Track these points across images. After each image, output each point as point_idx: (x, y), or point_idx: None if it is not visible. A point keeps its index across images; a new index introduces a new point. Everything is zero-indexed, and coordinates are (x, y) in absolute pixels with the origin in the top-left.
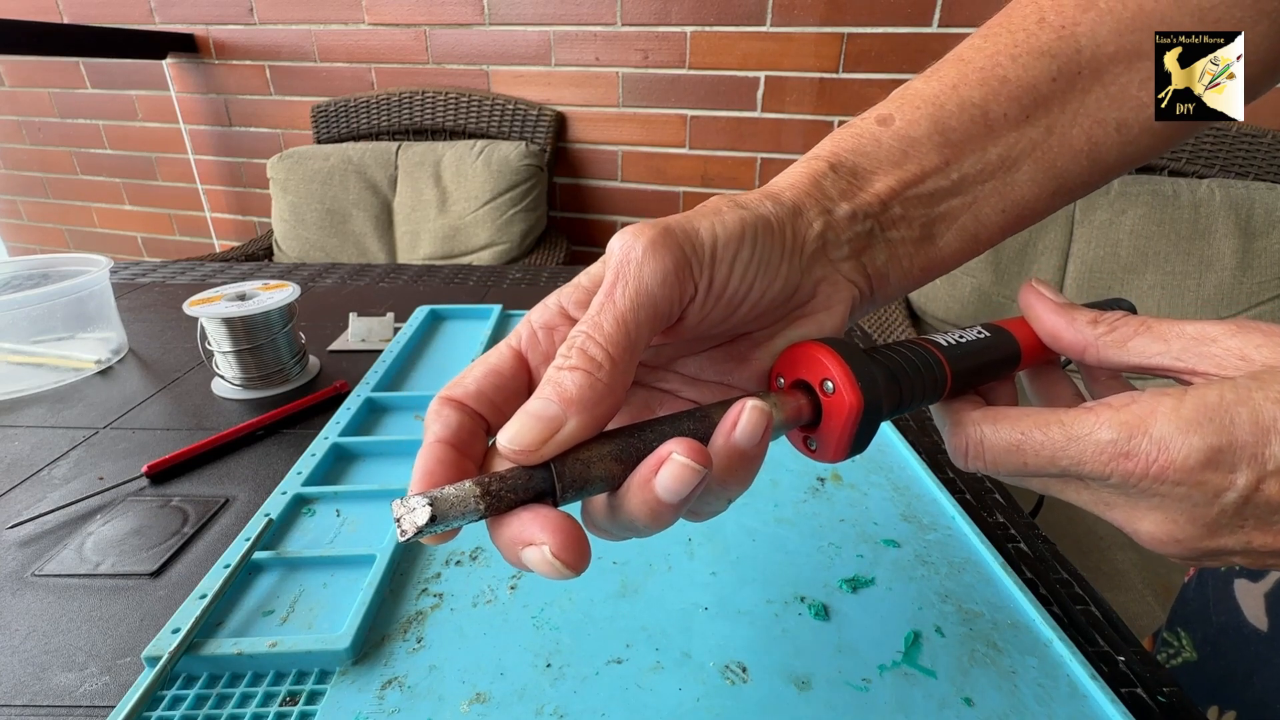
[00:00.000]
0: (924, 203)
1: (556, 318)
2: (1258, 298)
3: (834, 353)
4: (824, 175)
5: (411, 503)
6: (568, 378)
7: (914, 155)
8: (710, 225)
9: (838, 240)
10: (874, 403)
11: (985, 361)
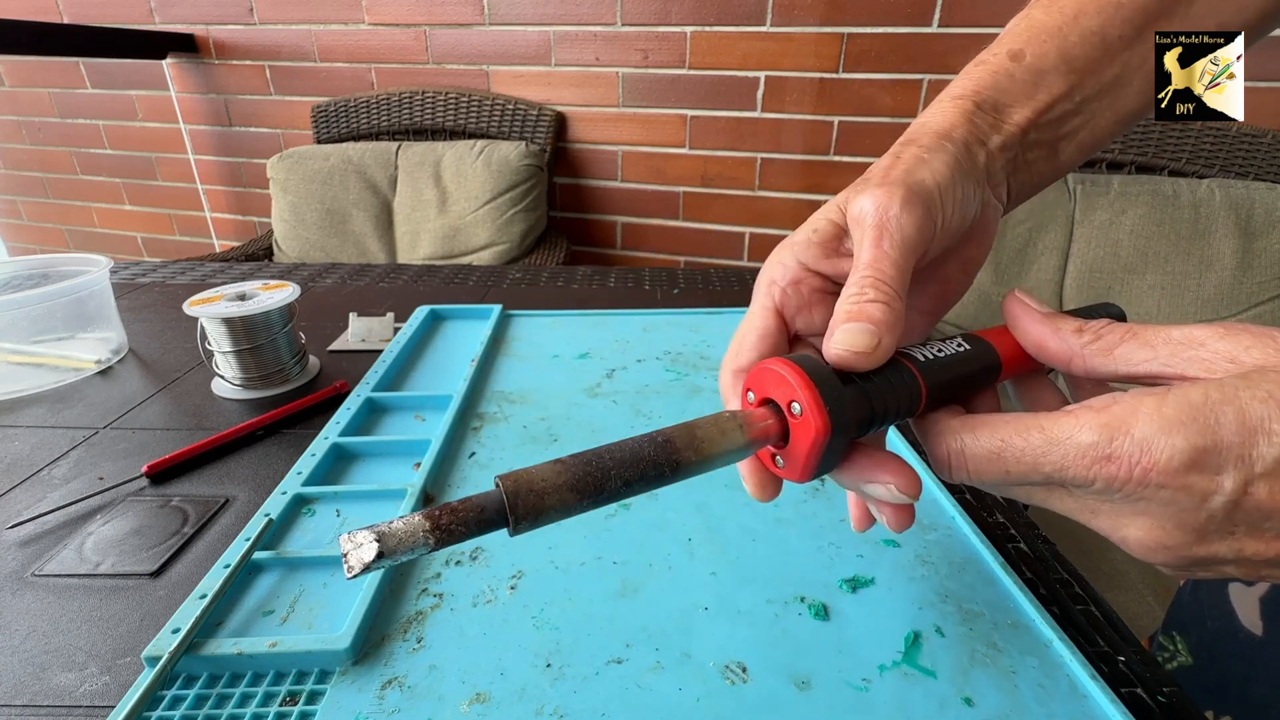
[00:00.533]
0: (1053, 127)
1: (800, 272)
2: (1258, 298)
3: (802, 374)
4: (973, 113)
5: (359, 537)
6: (874, 308)
7: (1044, 85)
8: (930, 175)
9: (994, 168)
10: (841, 426)
11: (962, 374)
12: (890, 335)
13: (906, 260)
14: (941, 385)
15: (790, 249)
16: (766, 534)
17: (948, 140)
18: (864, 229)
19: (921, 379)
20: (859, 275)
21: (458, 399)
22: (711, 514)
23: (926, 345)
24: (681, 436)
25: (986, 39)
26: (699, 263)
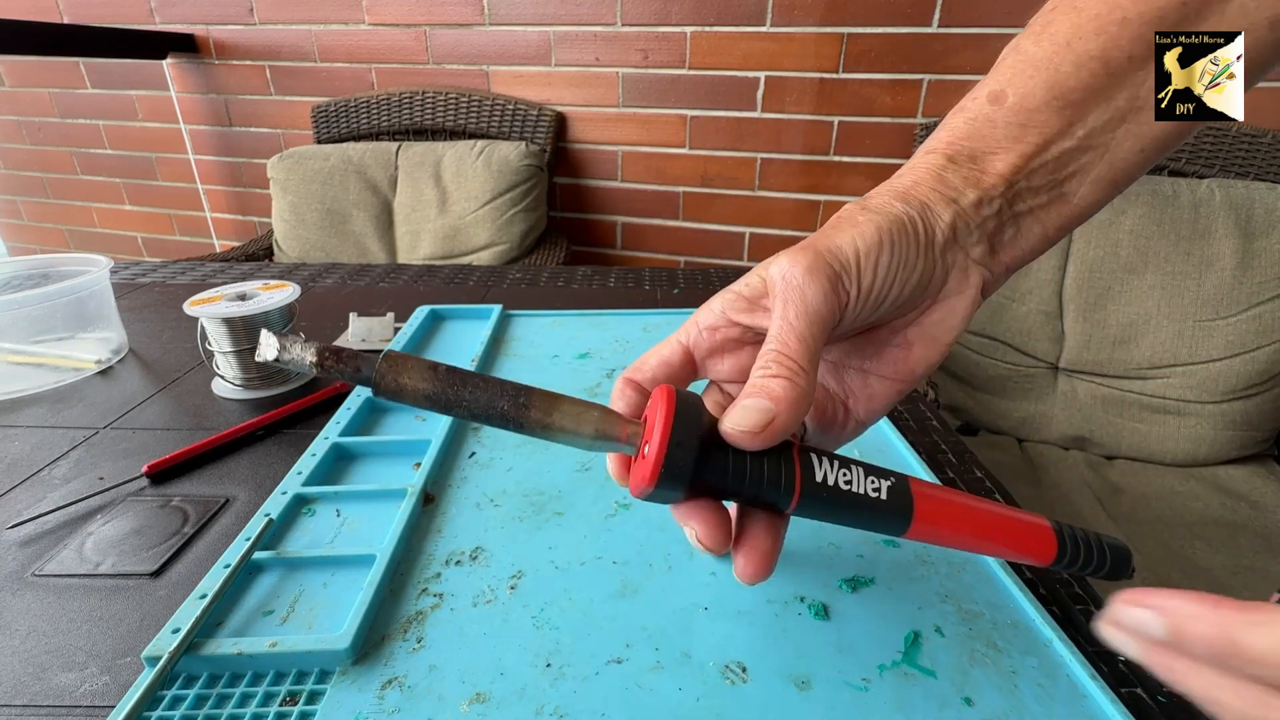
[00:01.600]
0: (1050, 169)
1: (719, 319)
2: (1258, 298)
3: (668, 423)
4: (944, 168)
5: (272, 339)
6: (774, 384)
7: (1033, 126)
8: (851, 238)
9: (968, 228)
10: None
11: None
12: (790, 410)
13: (813, 330)
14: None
15: (722, 297)
16: None
17: (901, 201)
18: (773, 296)
19: (799, 487)
20: (766, 348)
21: None
22: None
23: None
24: (541, 404)
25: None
26: (699, 263)
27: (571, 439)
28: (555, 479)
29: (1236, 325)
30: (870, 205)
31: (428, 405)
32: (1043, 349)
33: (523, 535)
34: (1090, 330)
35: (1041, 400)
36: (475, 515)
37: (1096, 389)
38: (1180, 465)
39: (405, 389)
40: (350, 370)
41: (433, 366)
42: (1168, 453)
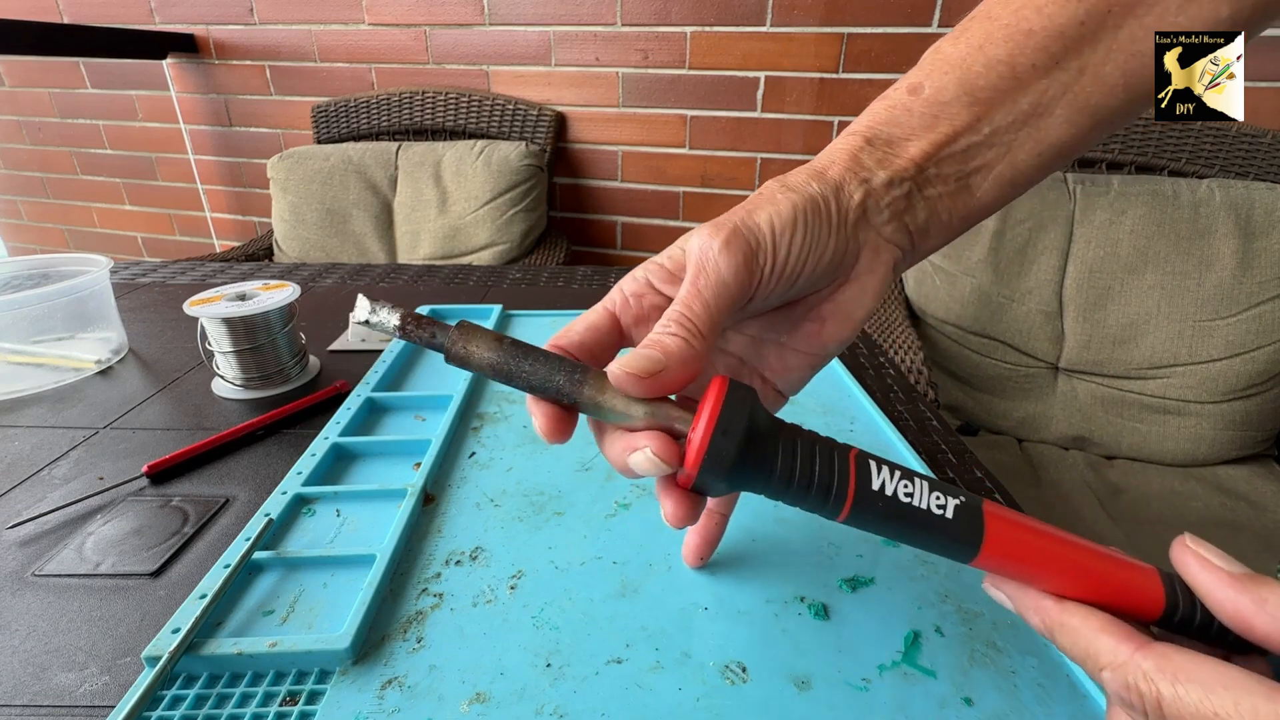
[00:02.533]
0: (958, 160)
1: (643, 287)
2: (1258, 298)
3: (713, 416)
4: (861, 149)
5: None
6: (669, 339)
7: (944, 118)
8: (768, 216)
9: (877, 207)
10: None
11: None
12: (679, 366)
13: (719, 300)
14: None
15: (646, 267)
16: (766, 534)
17: (818, 180)
18: (688, 266)
19: (853, 493)
20: (671, 308)
21: (458, 399)
22: None
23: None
24: (596, 382)
25: None
26: None
27: (622, 418)
28: (555, 479)
29: (1236, 325)
30: (789, 183)
31: (490, 374)
32: (1043, 349)
33: (523, 535)
34: (1090, 330)
35: (1041, 400)
36: (475, 515)
37: (1096, 389)
38: (1180, 465)
39: (472, 357)
40: (427, 336)
41: (498, 339)
42: (1168, 453)
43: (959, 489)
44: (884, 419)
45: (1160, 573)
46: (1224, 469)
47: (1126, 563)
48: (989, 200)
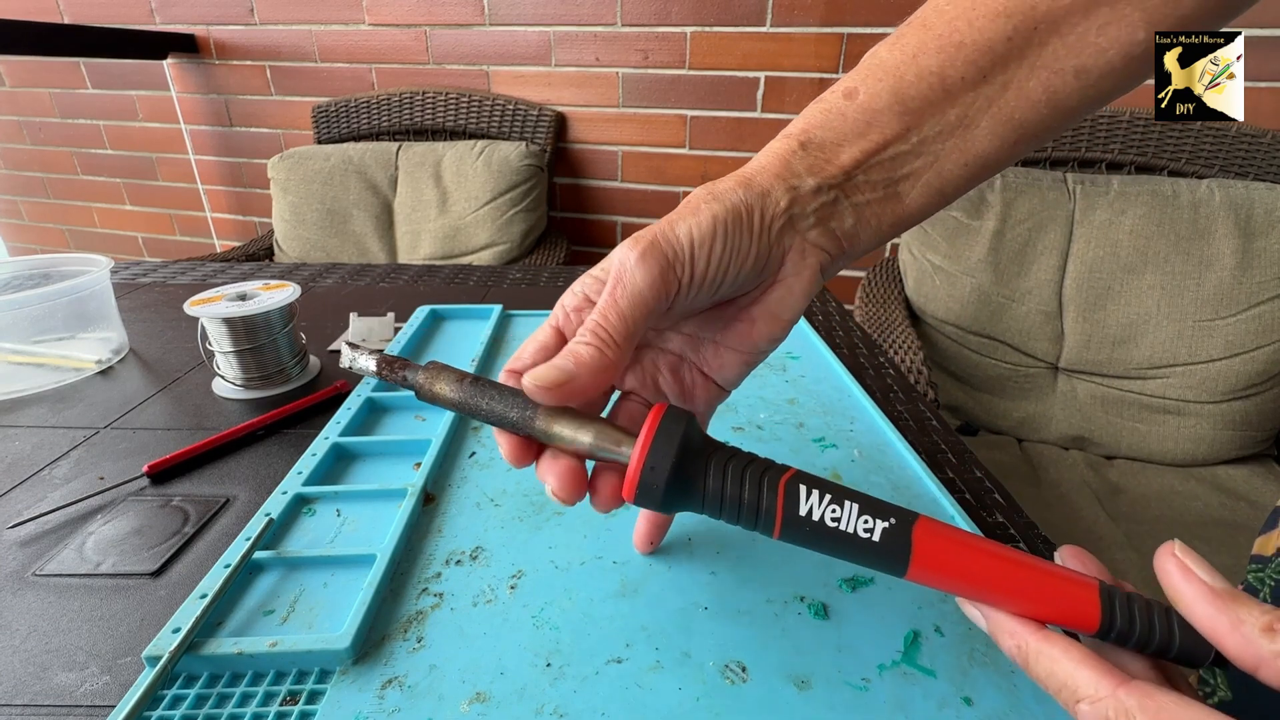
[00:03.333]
0: (886, 168)
1: (582, 302)
2: (1257, 298)
3: (643, 450)
4: (794, 153)
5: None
6: (583, 349)
7: (876, 125)
8: (688, 227)
9: (804, 213)
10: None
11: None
12: (591, 374)
13: (635, 310)
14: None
15: (582, 280)
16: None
17: (744, 188)
18: (609, 277)
19: (780, 519)
20: (587, 320)
21: None
22: None
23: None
24: (545, 416)
25: None
26: None
27: (572, 444)
28: None
29: (1236, 325)
30: (715, 192)
31: (456, 410)
32: (1042, 349)
33: (523, 535)
34: (1090, 330)
35: (1041, 400)
36: (475, 515)
37: (1096, 389)
38: (1180, 465)
39: (439, 395)
40: (400, 377)
41: (461, 378)
42: (1167, 453)
43: (894, 510)
44: (884, 419)
45: (1100, 586)
46: (1223, 469)
47: (1064, 577)
48: (917, 207)
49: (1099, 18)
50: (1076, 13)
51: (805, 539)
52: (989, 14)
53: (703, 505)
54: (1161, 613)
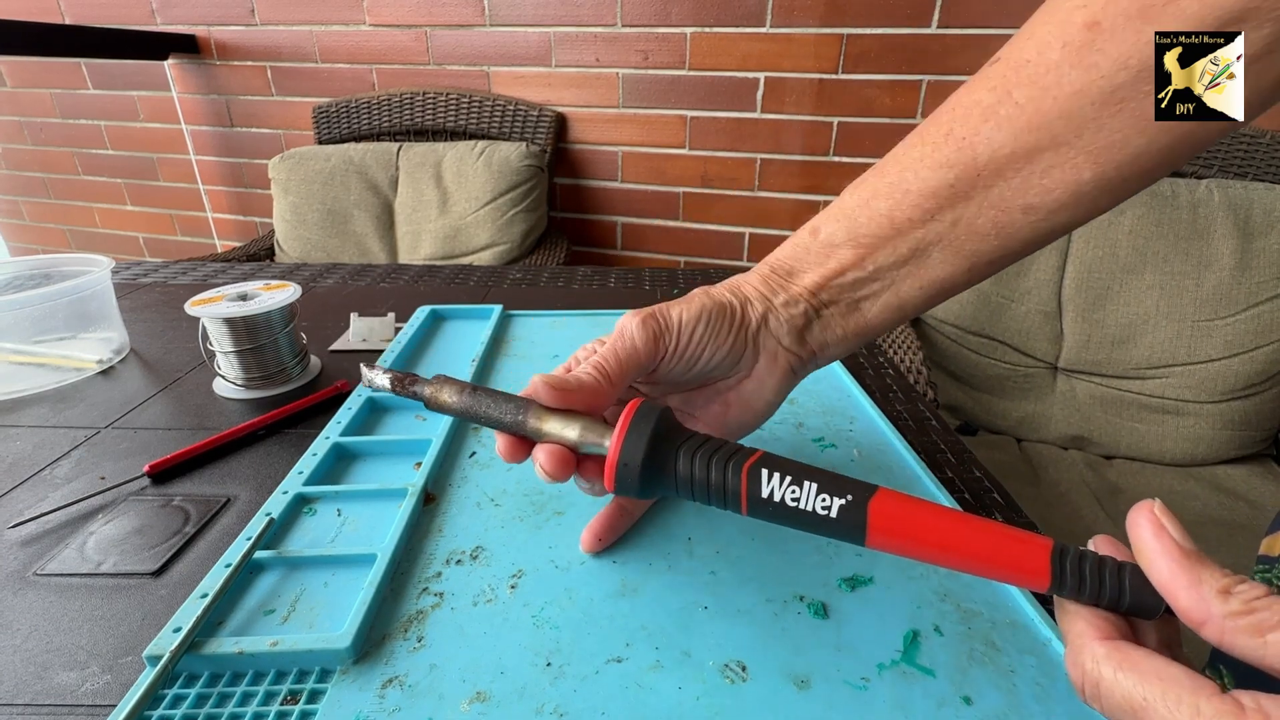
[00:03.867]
0: (847, 289)
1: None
2: (1256, 298)
3: (617, 445)
4: (769, 276)
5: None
6: (584, 374)
7: (834, 256)
8: (679, 311)
9: (779, 321)
10: (621, 492)
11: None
12: (586, 393)
13: (629, 359)
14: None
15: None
16: (765, 533)
17: (731, 293)
18: (615, 333)
19: (745, 502)
20: (592, 357)
21: None
22: (711, 513)
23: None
24: (535, 415)
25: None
26: (699, 263)
27: (560, 440)
28: None
29: (1235, 325)
30: (711, 292)
31: (460, 416)
32: (1042, 349)
33: (523, 534)
34: (1089, 330)
35: (1040, 400)
36: (476, 514)
37: (1095, 389)
38: (1179, 465)
39: (444, 404)
40: (411, 391)
41: (463, 388)
42: (1166, 452)
43: (854, 486)
44: (883, 419)
45: (1054, 546)
46: (1222, 469)
47: (1017, 537)
48: (879, 322)
49: (1042, 162)
50: (1019, 159)
51: (770, 516)
52: (932, 165)
53: (675, 489)
54: (1112, 568)
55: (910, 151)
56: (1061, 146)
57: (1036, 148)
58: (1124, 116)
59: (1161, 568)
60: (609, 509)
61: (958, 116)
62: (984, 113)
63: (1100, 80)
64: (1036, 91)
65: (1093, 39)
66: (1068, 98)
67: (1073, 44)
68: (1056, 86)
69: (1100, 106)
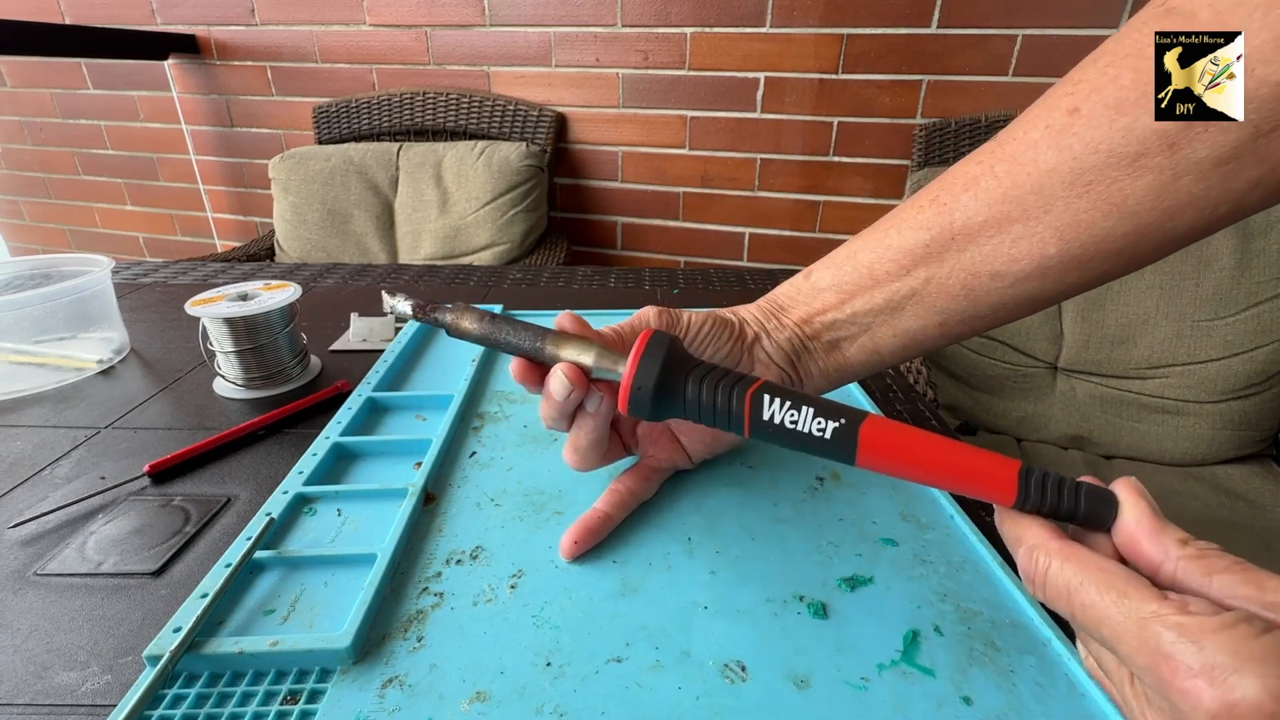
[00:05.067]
0: (828, 328)
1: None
2: (1256, 298)
3: (631, 369)
4: (763, 309)
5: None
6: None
7: (819, 298)
8: (689, 314)
9: (771, 342)
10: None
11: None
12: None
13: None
14: (769, 438)
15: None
16: (765, 533)
17: (733, 314)
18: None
19: (748, 424)
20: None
21: (458, 399)
22: (710, 513)
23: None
24: (554, 342)
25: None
26: (699, 263)
27: (579, 364)
28: (556, 478)
29: (1235, 325)
30: (716, 311)
31: (480, 342)
32: (1041, 349)
33: (523, 534)
34: (1089, 330)
35: (1040, 400)
36: (476, 514)
37: (1095, 389)
38: (1179, 465)
39: (465, 331)
40: (433, 317)
41: (482, 316)
42: (1166, 452)
43: (846, 411)
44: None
45: (1021, 466)
46: (1222, 468)
47: (989, 458)
48: (855, 363)
49: (1012, 233)
50: (991, 227)
51: (770, 437)
52: (914, 225)
53: (684, 412)
54: (1071, 485)
55: (903, 212)
56: (1031, 220)
57: (1007, 218)
58: (1090, 198)
59: (1130, 519)
60: (589, 515)
61: (945, 185)
62: (967, 183)
63: (1072, 161)
64: (1014, 166)
65: (1071, 123)
66: (1041, 175)
67: (1054, 126)
68: (1032, 163)
69: (1069, 186)
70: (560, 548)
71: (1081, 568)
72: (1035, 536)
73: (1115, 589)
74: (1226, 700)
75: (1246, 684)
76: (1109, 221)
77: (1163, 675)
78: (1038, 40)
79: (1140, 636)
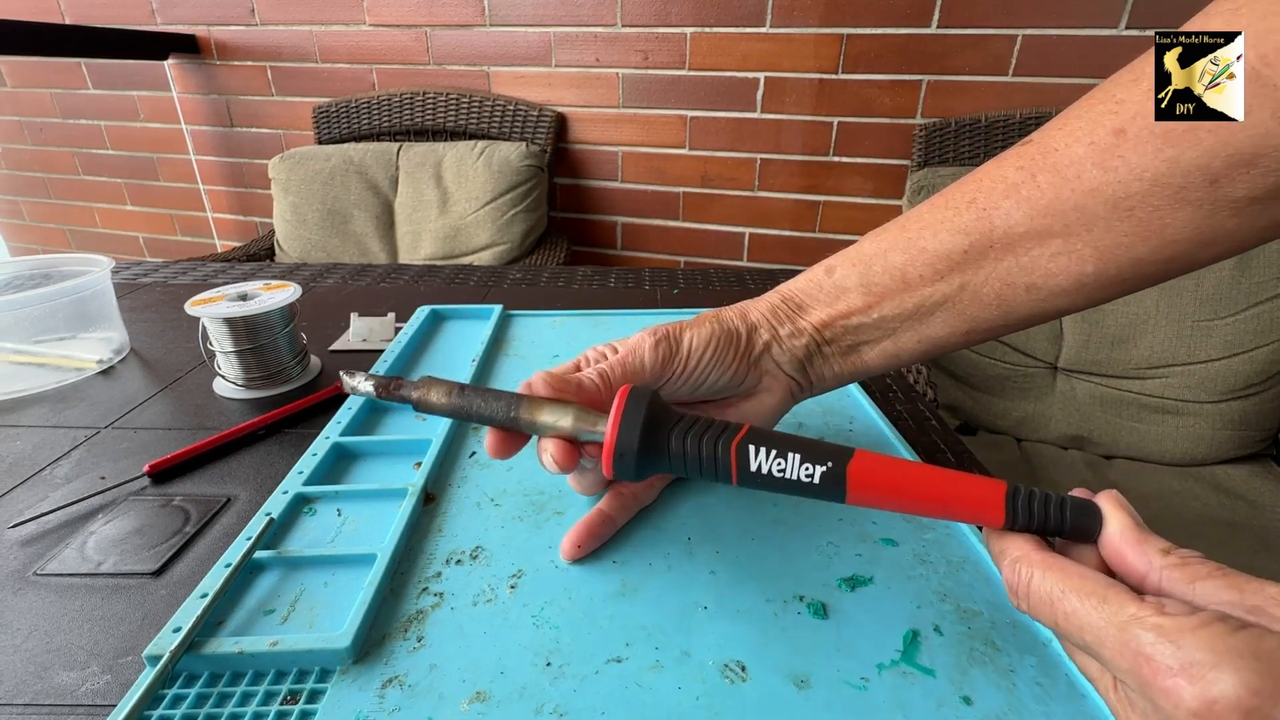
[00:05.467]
0: (850, 332)
1: (601, 355)
2: (1256, 298)
3: (617, 417)
4: (778, 305)
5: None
6: (585, 376)
7: (843, 299)
8: (691, 334)
9: (781, 349)
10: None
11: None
12: (585, 392)
13: (634, 377)
14: (758, 487)
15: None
16: (765, 533)
17: (741, 319)
18: (628, 344)
19: (735, 477)
20: (601, 362)
21: None
22: (710, 514)
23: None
24: (528, 409)
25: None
26: (699, 263)
27: (555, 430)
28: (555, 479)
29: (1235, 325)
30: (720, 315)
31: (451, 416)
32: (1041, 349)
33: (523, 534)
34: (1089, 330)
35: (1040, 400)
36: (476, 514)
37: (1095, 389)
38: (1178, 465)
39: (434, 405)
40: (398, 395)
41: (450, 389)
42: (1166, 452)
43: (833, 452)
44: (883, 418)
45: (1007, 487)
46: (1222, 468)
47: (975, 483)
48: (874, 365)
49: (1051, 247)
50: (1031, 239)
51: (760, 486)
52: (951, 229)
53: (670, 468)
54: (1056, 502)
55: (934, 212)
56: (1072, 236)
57: (1049, 232)
58: (1131, 222)
59: (1114, 531)
60: (591, 517)
61: (983, 187)
62: (1007, 189)
63: (1116, 185)
64: (1057, 179)
65: (1117, 145)
66: (1085, 193)
67: (1098, 144)
68: (1076, 179)
69: (1112, 208)
70: (561, 550)
71: (1063, 577)
72: (1018, 549)
73: (1095, 595)
74: (1206, 696)
75: (1225, 679)
76: (1147, 247)
77: (1144, 676)
78: (1038, 40)
79: (1120, 639)
